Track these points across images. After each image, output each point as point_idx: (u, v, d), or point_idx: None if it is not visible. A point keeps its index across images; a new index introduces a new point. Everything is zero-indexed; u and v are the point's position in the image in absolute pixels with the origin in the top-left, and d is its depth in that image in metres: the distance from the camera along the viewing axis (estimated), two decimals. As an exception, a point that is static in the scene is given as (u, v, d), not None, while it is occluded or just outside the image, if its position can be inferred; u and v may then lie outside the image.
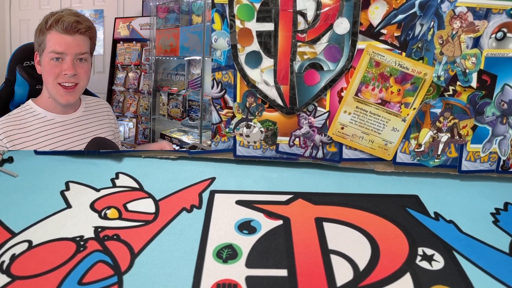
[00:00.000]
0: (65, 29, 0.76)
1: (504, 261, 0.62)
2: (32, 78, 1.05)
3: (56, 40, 0.76)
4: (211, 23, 0.82)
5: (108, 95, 1.52)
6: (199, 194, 0.78)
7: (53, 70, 0.77)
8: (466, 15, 0.74)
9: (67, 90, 0.78)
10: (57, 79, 0.77)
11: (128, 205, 0.74)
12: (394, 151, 0.84)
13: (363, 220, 0.70)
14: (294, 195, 0.78)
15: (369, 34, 0.78)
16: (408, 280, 0.57)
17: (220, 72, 0.84)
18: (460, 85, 0.78)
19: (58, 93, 0.78)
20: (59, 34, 0.76)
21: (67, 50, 0.77)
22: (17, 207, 0.73)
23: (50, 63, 0.77)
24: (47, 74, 0.77)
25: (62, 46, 0.76)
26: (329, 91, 0.82)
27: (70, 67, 0.77)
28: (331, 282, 0.56)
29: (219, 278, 0.57)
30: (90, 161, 0.90)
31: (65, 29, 0.76)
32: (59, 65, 0.77)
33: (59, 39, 0.76)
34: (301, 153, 0.87)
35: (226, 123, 0.87)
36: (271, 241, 0.64)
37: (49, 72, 0.77)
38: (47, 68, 0.77)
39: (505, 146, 0.82)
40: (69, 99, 0.79)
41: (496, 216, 0.73)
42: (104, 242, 0.64)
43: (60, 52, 0.76)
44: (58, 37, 0.76)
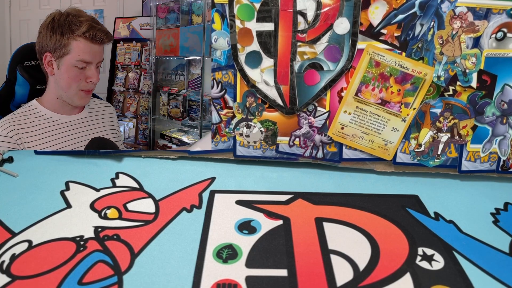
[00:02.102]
0: (96, 40, 0.77)
1: (504, 261, 0.62)
2: (32, 78, 1.05)
3: (86, 49, 0.77)
4: (211, 23, 0.82)
5: (108, 95, 1.52)
6: (199, 194, 0.78)
7: (77, 77, 0.78)
8: (466, 15, 0.74)
9: (87, 93, 0.81)
10: (80, 85, 0.79)
11: (128, 205, 0.74)
12: (394, 151, 0.84)
13: (363, 220, 0.70)
14: (294, 195, 0.78)
15: (369, 34, 0.78)
16: (408, 280, 0.57)
17: (220, 72, 0.84)
18: (460, 85, 0.78)
19: (79, 96, 0.80)
20: (89, 43, 0.77)
21: (94, 59, 0.78)
22: (17, 207, 0.73)
23: (74, 70, 0.78)
24: (71, 80, 0.78)
25: (91, 55, 0.78)
26: (329, 91, 0.82)
27: (96, 75, 0.79)
28: (331, 282, 0.56)
29: (219, 278, 0.57)
30: (90, 161, 0.90)
31: (96, 40, 0.77)
32: (83, 72, 0.78)
33: (88, 48, 0.77)
34: (301, 153, 0.87)
35: (226, 123, 0.87)
36: (271, 241, 0.64)
37: (74, 78, 0.78)
38: (71, 74, 0.78)
39: (505, 146, 0.82)
40: (86, 101, 0.83)
41: (496, 216, 0.73)
42: (104, 242, 0.64)
43: (89, 61, 0.77)
44: (88, 46, 0.77)
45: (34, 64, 1.07)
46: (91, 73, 0.78)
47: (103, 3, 1.51)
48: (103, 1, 1.51)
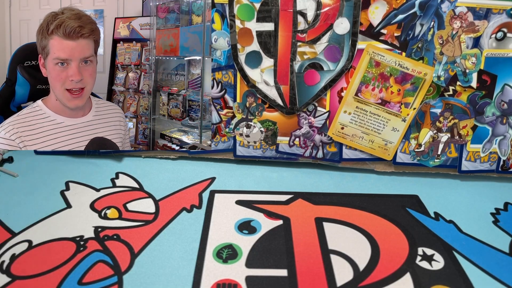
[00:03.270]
0: (68, 35, 0.73)
1: (504, 261, 0.62)
2: (33, 78, 1.05)
3: (59, 46, 0.73)
4: (211, 23, 0.82)
5: (108, 95, 1.52)
6: (199, 194, 0.78)
7: (59, 76, 0.75)
8: (466, 15, 0.74)
9: (74, 95, 0.77)
10: (64, 85, 0.76)
11: (128, 205, 0.74)
12: (394, 151, 0.84)
13: (363, 220, 0.70)
14: (294, 195, 0.78)
15: (369, 34, 0.78)
16: (408, 280, 0.57)
17: (220, 72, 0.84)
18: (460, 85, 0.78)
19: (66, 98, 0.77)
20: (61, 40, 0.73)
21: (72, 55, 0.74)
22: (17, 207, 0.73)
23: (55, 68, 0.75)
24: (54, 80, 0.76)
25: (66, 52, 0.74)
26: (329, 91, 0.82)
27: (76, 73, 0.74)
28: (331, 282, 0.56)
29: (219, 278, 0.57)
30: (90, 161, 0.90)
31: (68, 35, 0.73)
32: (64, 70, 0.75)
33: (62, 45, 0.73)
34: (301, 153, 0.87)
35: (226, 123, 0.87)
36: (271, 241, 0.64)
37: (56, 78, 0.75)
38: (52, 74, 0.75)
39: (505, 146, 0.82)
40: (77, 103, 0.78)
41: (496, 216, 0.73)
42: (104, 242, 0.64)
43: (64, 58, 0.74)
44: (61, 43, 0.73)
45: (34, 64, 1.07)
46: (71, 71, 0.74)
47: (103, 3, 1.51)
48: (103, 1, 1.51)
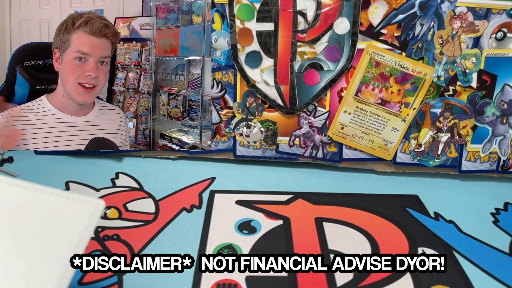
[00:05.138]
0: (94, 32, 0.77)
1: (504, 261, 0.62)
2: (32, 78, 1.05)
3: (82, 40, 0.77)
4: (211, 23, 0.82)
5: (108, 95, 1.52)
6: (199, 194, 0.78)
7: (75, 70, 0.78)
8: (466, 15, 0.74)
9: (86, 90, 0.79)
10: (78, 78, 0.78)
11: (128, 205, 0.74)
12: (394, 151, 0.84)
13: (363, 220, 0.70)
14: (294, 195, 0.78)
15: (369, 34, 0.78)
16: (408, 280, 0.57)
17: (220, 72, 0.84)
18: (460, 85, 0.78)
19: (77, 91, 0.79)
20: (86, 35, 0.77)
21: (92, 51, 0.77)
22: (17, 207, 0.73)
23: (73, 62, 0.77)
24: (69, 72, 0.78)
25: (88, 47, 0.77)
26: (329, 91, 0.82)
27: (94, 68, 0.78)
28: (331, 282, 0.56)
29: (219, 278, 0.57)
30: (90, 161, 0.90)
31: (94, 32, 0.77)
32: (81, 65, 0.78)
33: (86, 40, 0.77)
34: (301, 153, 0.87)
35: (226, 123, 0.87)
36: (271, 241, 0.64)
37: (72, 70, 0.78)
38: (69, 66, 0.78)
39: (505, 146, 0.82)
40: (86, 99, 0.80)
41: (496, 216, 0.73)
42: (104, 242, 0.64)
43: (86, 52, 0.77)
44: (85, 38, 0.77)
45: (34, 64, 1.07)
46: (89, 67, 0.77)
47: (103, 3, 1.51)
48: (103, 1, 1.51)
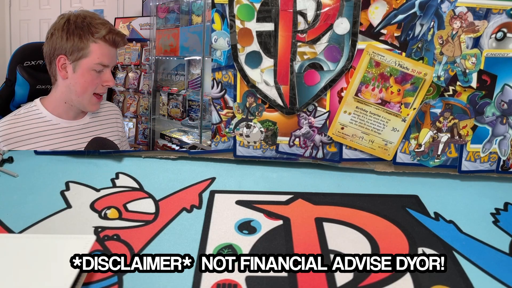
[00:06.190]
0: (114, 43, 0.76)
1: (504, 261, 0.62)
2: (32, 78, 1.05)
3: (104, 52, 0.75)
4: (211, 23, 0.82)
5: (108, 95, 1.52)
6: (199, 194, 0.78)
7: (94, 81, 0.76)
8: (466, 15, 0.74)
9: (99, 99, 0.79)
10: (96, 89, 0.77)
11: (128, 205, 0.74)
12: (394, 151, 0.84)
13: (363, 220, 0.70)
14: (294, 195, 0.78)
15: (369, 34, 0.78)
16: (408, 280, 0.57)
17: (220, 72, 0.84)
18: (460, 85, 0.78)
19: (91, 102, 0.78)
20: (107, 46, 0.76)
21: (111, 62, 0.77)
22: (17, 207, 0.73)
23: (91, 73, 0.76)
24: (87, 83, 0.76)
25: (109, 58, 0.76)
26: (329, 91, 0.82)
27: (111, 78, 0.77)
28: (331, 282, 0.56)
29: (219, 278, 0.57)
30: (90, 161, 0.90)
31: (114, 43, 0.76)
32: (99, 76, 0.77)
33: (106, 51, 0.76)
34: (301, 153, 0.87)
35: (226, 123, 0.87)
36: (271, 241, 0.64)
37: (90, 83, 0.76)
38: (88, 77, 0.76)
39: (505, 146, 0.82)
40: (98, 107, 0.81)
41: (496, 216, 0.73)
42: (104, 242, 0.64)
43: (107, 64, 0.76)
44: (105, 49, 0.76)
45: (34, 64, 1.07)
46: (107, 77, 0.77)
47: (103, 3, 1.51)
48: (103, 1, 1.51)
